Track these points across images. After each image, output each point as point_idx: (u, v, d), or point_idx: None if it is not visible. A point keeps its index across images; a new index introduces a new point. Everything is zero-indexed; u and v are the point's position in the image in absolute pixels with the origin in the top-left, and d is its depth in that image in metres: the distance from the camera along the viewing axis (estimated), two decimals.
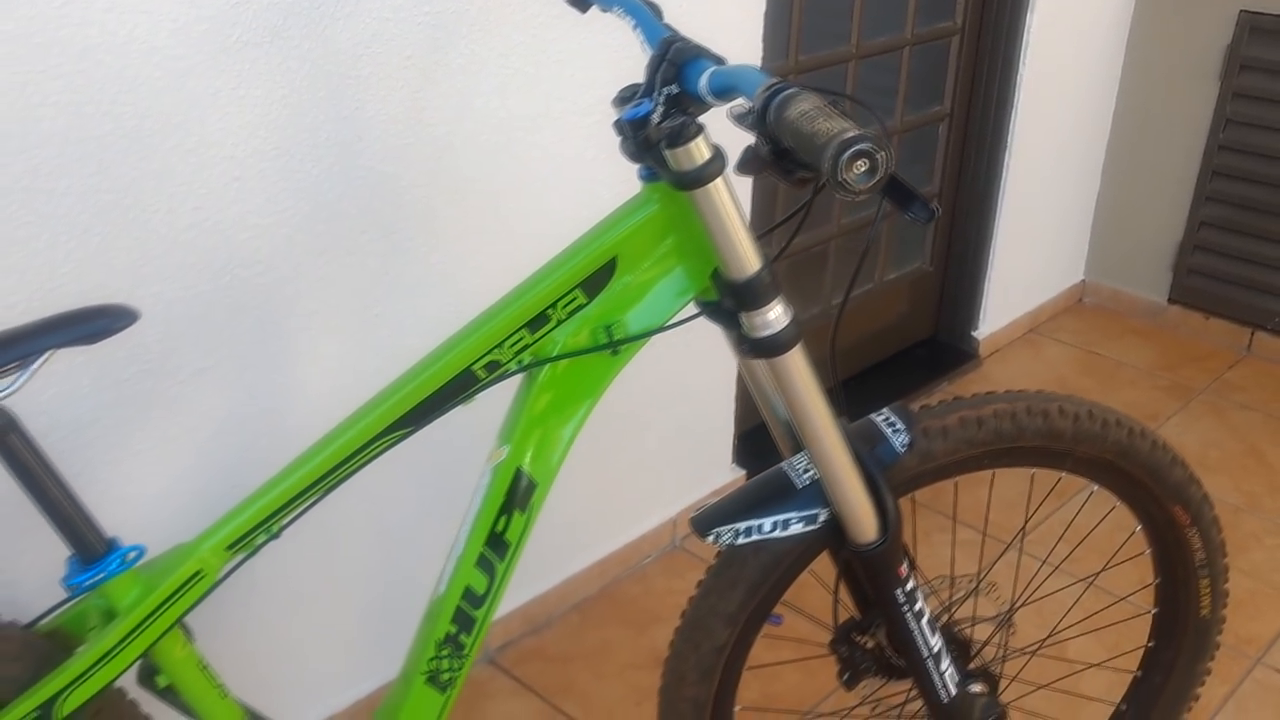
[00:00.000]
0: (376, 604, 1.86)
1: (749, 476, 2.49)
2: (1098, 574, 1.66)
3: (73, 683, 1.08)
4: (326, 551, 1.74)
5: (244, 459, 1.58)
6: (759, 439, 2.55)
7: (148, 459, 1.47)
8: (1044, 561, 1.77)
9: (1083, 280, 3.48)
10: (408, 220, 1.65)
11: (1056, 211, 3.23)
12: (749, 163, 0.92)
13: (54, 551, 1.40)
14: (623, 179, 1.90)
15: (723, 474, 2.45)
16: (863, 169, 0.75)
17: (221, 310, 1.49)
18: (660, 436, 2.24)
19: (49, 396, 1.35)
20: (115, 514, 1.34)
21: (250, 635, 1.67)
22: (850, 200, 0.79)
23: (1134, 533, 1.48)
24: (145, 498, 1.48)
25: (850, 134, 0.76)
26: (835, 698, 1.91)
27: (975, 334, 3.12)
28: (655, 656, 2.08)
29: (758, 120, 0.83)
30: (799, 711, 1.90)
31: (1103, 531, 1.63)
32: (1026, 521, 1.51)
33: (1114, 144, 3.26)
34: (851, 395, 1.22)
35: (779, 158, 0.88)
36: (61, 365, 1.35)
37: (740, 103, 0.90)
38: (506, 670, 2.04)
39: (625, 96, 1.13)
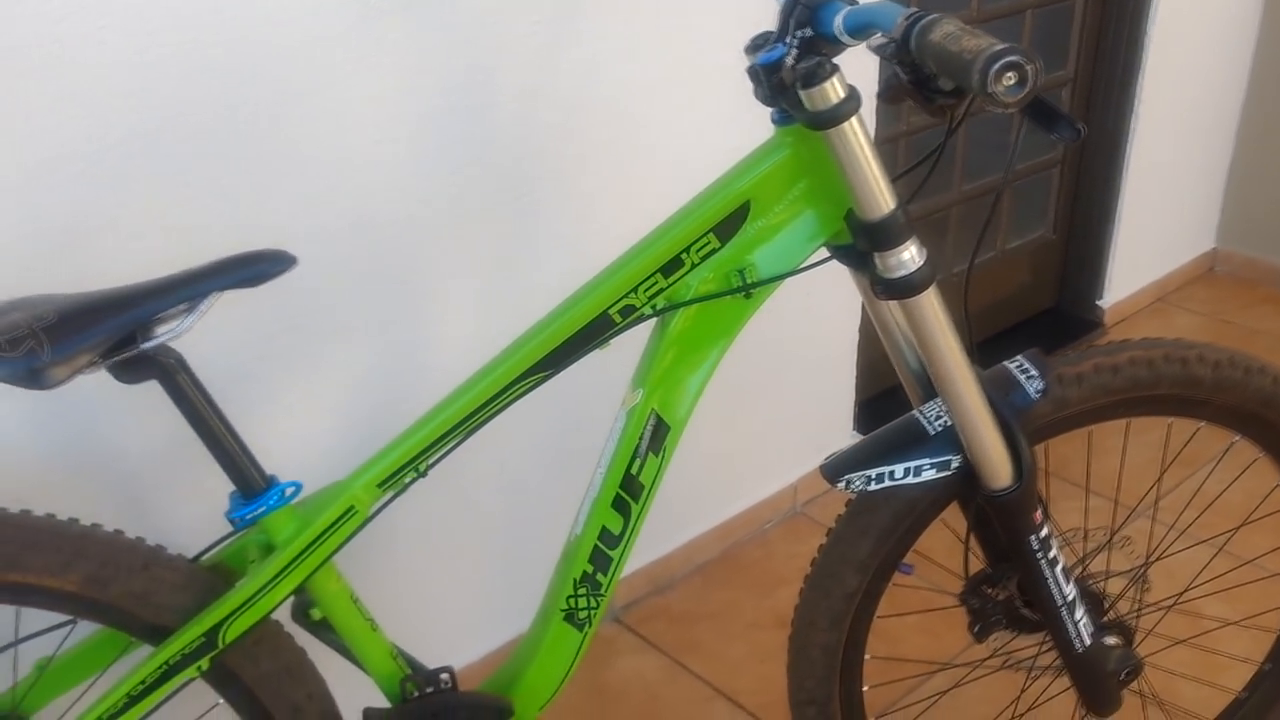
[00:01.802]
0: (505, 556, 1.91)
1: None
2: (1237, 529, 1.62)
3: (235, 611, 1.14)
4: (457, 504, 1.80)
5: (382, 412, 1.63)
6: (880, 407, 2.55)
7: (294, 410, 1.54)
8: (1179, 517, 1.73)
9: (1214, 248, 3.37)
10: (536, 182, 1.69)
11: (1186, 176, 3.14)
12: (890, 91, 0.93)
13: (213, 491, 1.49)
14: (742, 141, 1.91)
15: (843, 441, 2.43)
16: (1012, 81, 0.76)
17: (363, 269, 1.55)
18: (781, 403, 2.25)
19: (201, 351, 1.42)
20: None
21: (388, 583, 1.74)
22: (1000, 113, 0.79)
23: (1276, 487, 1.45)
24: (289, 449, 1.54)
25: (999, 47, 0.76)
26: (965, 651, 1.90)
27: (1100, 303, 3.06)
28: (779, 618, 2.10)
29: (899, 49, 0.84)
30: (929, 661, 1.89)
31: (1241, 487, 1.59)
32: (1163, 473, 1.48)
33: (1250, 103, 3.15)
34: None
35: (918, 86, 0.88)
36: (213, 320, 1.42)
37: (878, 37, 0.91)
38: (632, 629, 2.07)
39: (758, 43, 1.15)
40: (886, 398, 2.62)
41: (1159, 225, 3.12)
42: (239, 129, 1.37)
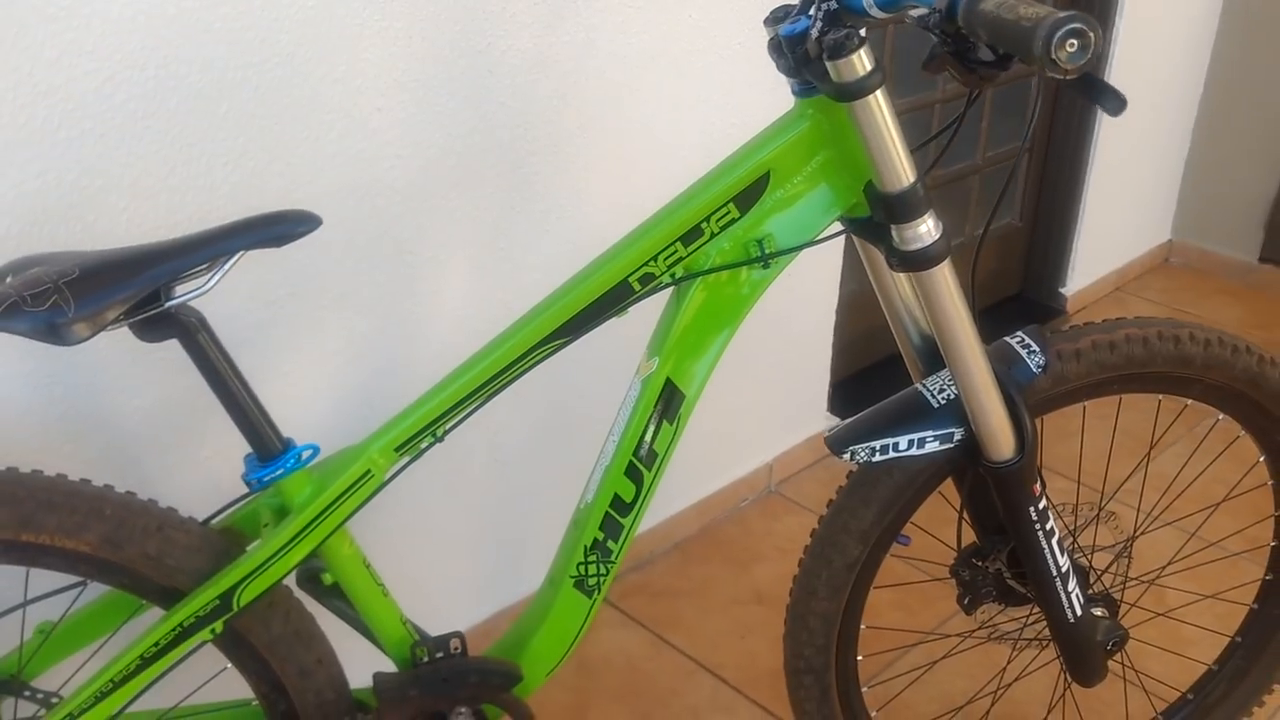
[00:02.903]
0: (497, 524, 1.91)
1: None
2: (1218, 505, 1.67)
3: (251, 574, 1.13)
4: (450, 477, 1.80)
5: (379, 381, 1.63)
6: (853, 388, 2.58)
7: (291, 377, 1.53)
8: (1164, 493, 1.77)
9: (1169, 240, 3.45)
10: (534, 155, 1.69)
11: (1146, 169, 3.21)
12: (933, 61, 0.95)
13: (212, 457, 1.48)
14: (737, 117, 1.94)
15: (817, 422, 2.48)
16: (1074, 48, 0.78)
17: (363, 238, 1.54)
18: (758, 383, 2.28)
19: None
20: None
21: (383, 552, 1.73)
22: (1059, 78, 0.81)
23: (1256, 463, 1.49)
24: (286, 415, 1.53)
25: (1061, 14, 0.78)
26: (939, 626, 1.94)
27: (1063, 290, 3.12)
28: (757, 593, 2.12)
29: (945, 19, 0.86)
30: (923, 632, 1.93)
31: (1224, 467, 1.64)
32: (1151, 448, 1.52)
33: (1207, 101, 3.23)
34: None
35: (958, 56, 0.90)
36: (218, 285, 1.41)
37: (917, 8, 0.93)
38: (613, 603, 2.09)
39: (779, 16, 1.16)
40: (859, 379, 2.67)
41: (1119, 216, 3.20)
42: (247, 91, 1.36)
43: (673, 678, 1.94)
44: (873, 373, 2.71)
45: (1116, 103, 0.84)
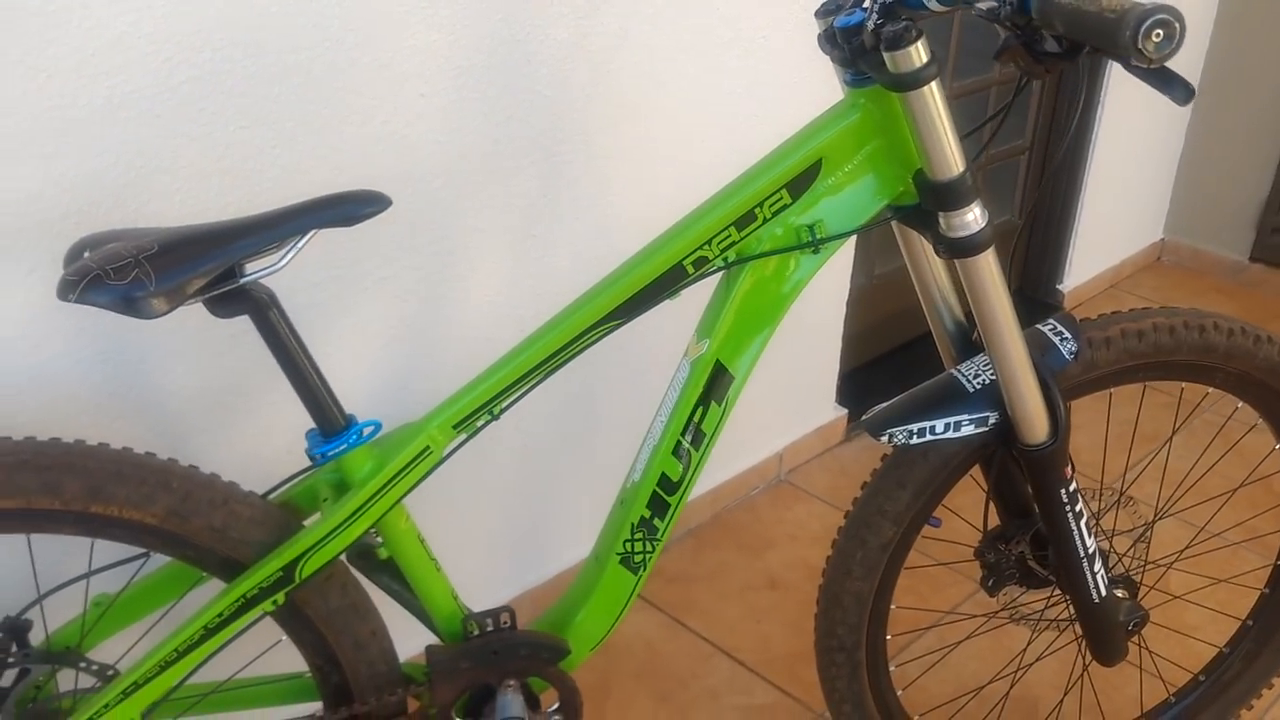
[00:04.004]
0: (518, 509, 1.94)
1: (850, 417, 2.56)
2: (1235, 490, 1.72)
3: (313, 546, 1.16)
4: (476, 461, 1.82)
5: (415, 362, 1.66)
6: (860, 380, 2.63)
7: (332, 360, 1.55)
8: (1183, 480, 1.82)
9: (1162, 239, 3.51)
10: (565, 144, 1.72)
11: (1140, 169, 3.27)
12: (1005, 51, 0.98)
13: (270, 432, 1.50)
14: (761, 109, 1.97)
15: (826, 413, 2.52)
16: (1160, 37, 0.82)
17: (403, 223, 1.56)
18: (769, 374, 2.31)
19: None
20: (294, 412, 1.43)
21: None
22: (1143, 67, 0.85)
23: (1274, 450, 1.54)
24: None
25: (1146, 6, 0.82)
26: (964, 607, 1.98)
27: (1060, 287, 3.17)
28: (770, 579, 2.16)
29: (1016, 11, 0.90)
30: (947, 612, 1.96)
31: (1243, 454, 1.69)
32: (1174, 433, 1.57)
33: (1200, 102, 3.29)
34: (921, 355, 1.27)
35: (1027, 45, 0.94)
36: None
37: (989, 2, 0.96)
38: None
39: (831, 9, 1.20)
40: (867, 370, 2.71)
41: (1114, 215, 3.25)
42: (297, 77, 1.38)
43: (691, 660, 1.97)
44: (881, 364, 2.75)
45: (1185, 92, 0.87)
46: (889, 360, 2.77)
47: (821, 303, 2.35)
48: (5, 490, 1.06)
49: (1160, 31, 0.82)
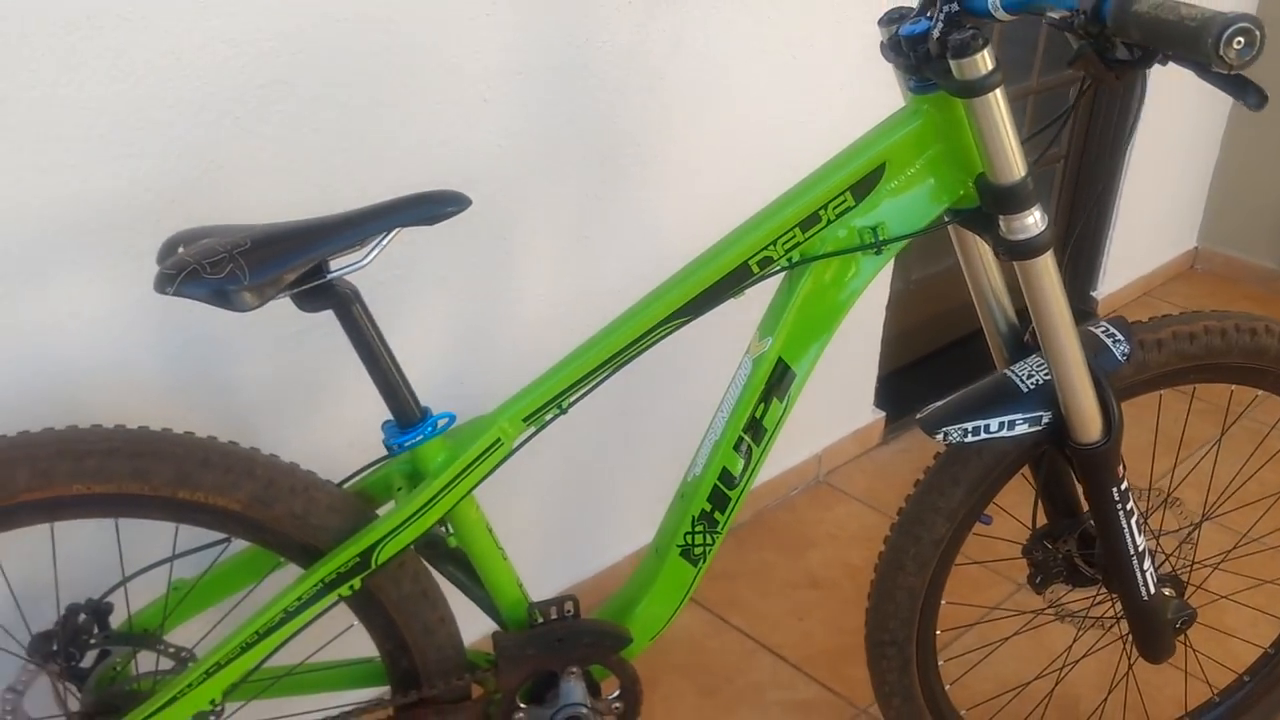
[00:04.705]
0: (565, 504, 1.98)
1: (888, 420, 2.58)
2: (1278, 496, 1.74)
3: (390, 533, 1.20)
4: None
5: (470, 359, 1.70)
6: (897, 384, 2.65)
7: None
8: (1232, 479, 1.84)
9: (1195, 247, 3.53)
10: (618, 147, 1.76)
11: (1175, 177, 3.29)
12: (1078, 60, 1.02)
13: (346, 424, 1.54)
14: (808, 117, 2.00)
15: (864, 415, 2.55)
16: (1241, 44, 0.85)
17: (461, 224, 1.59)
18: (809, 376, 2.33)
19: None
20: (355, 408, 1.48)
21: None
22: (1223, 73, 0.88)
23: None
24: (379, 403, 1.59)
25: (1227, 13, 0.85)
26: (1010, 603, 2.01)
27: (1094, 294, 3.19)
28: (811, 578, 2.19)
29: (1090, 20, 0.93)
30: (998, 608, 1.99)
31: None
32: (1223, 434, 1.59)
33: (1236, 110, 3.30)
34: (958, 359, 1.30)
35: (1099, 53, 0.97)
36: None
37: (1056, 10, 0.99)
38: None
39: (893, 18, 1.23)
40: (904, 374, 2.73)
41: (1149, 222, 3.27)
42: (367, 79, 1.42)
43: (735, 656, 2.00)
44: (918, 368, 2.78)
45: (1259, 98, 0.90)
46: (926, 364, 2.80)
47: (861, 307, 2.34)
48: (98, 476, 1.10)
49: (1241, 39, 0.85)
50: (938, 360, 2.83)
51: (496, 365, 1.74)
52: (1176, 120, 3.13)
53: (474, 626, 1.39)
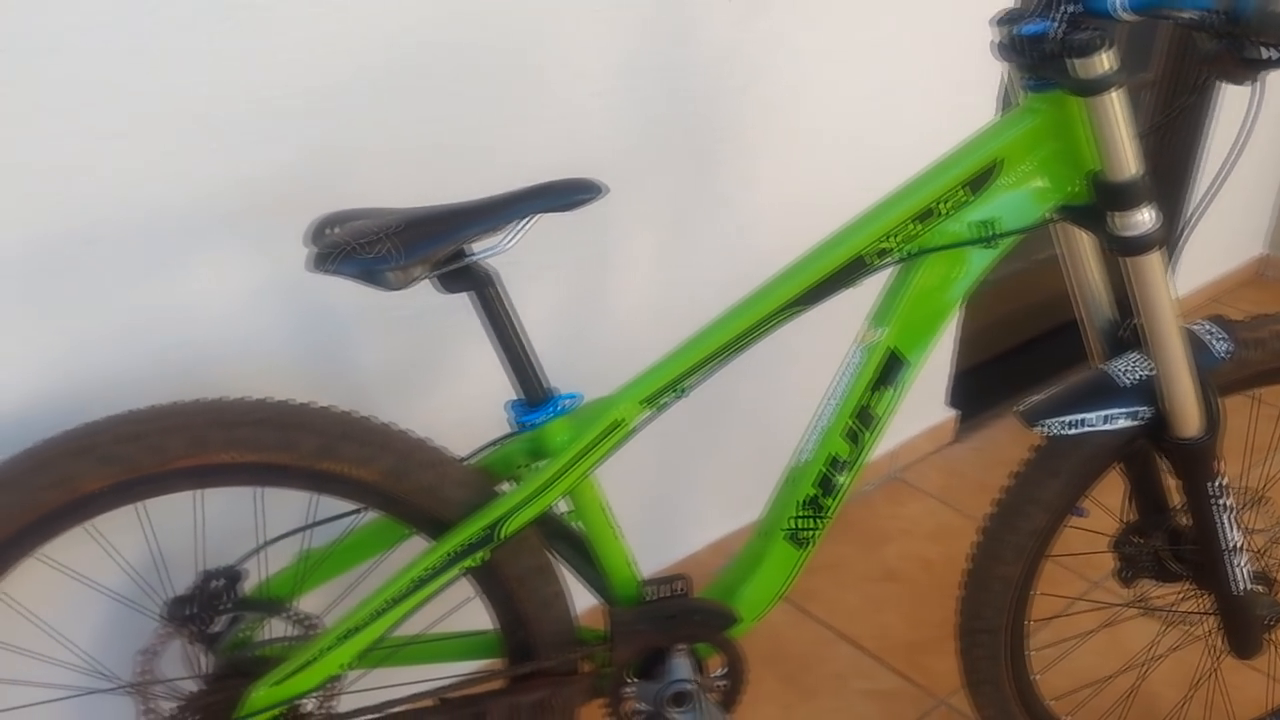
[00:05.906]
0: (660, 487, 2.02)
1: (961, 418, 2.61)
2: None
3: (515, 509, 1.24)
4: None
5: (568, 348, 1.75)
6: (972, 381, 2.68)
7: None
8: None
9: (1264, 253, 3.52)
10: (715, 144, 1.80)
11: (1245, 183, 3.28)
12: (1214, 61, 1.05)
13: (462, 402, 1.59)
14: (895, 116, 2.03)
15: (937, 413, 2.58)
16: None
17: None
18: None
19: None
20: (463, 389, 1.52)
21: None
22: None
23: None
24: (488, 375, 1.64)
25: None
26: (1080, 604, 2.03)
27: None
28: (888, 571, 2.22)
29: (1227, 21, 0.96)
30: (1085, 600, 2.01)
31: None
32: None
33: None
34: (1030, 359, 1.32)
35: (1231, 52, 1.01)
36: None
37: (1188, 12, 1.02)
38: None
39: (1010, 18, 1.26)
40: (977, 372, 2.75)
41: (1219, 228, 3.27)
42: (483, 73, 1.48)
43: (816, 645, 2.04)
44: (991, 366, 2.80)
45: None
46: (999, 363, 2.82)
47: None
48: (248, 445, 1.16)
49: None
50: (1009, 360, 2.85)
51: (593, 353, 1.78)
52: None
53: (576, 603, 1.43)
